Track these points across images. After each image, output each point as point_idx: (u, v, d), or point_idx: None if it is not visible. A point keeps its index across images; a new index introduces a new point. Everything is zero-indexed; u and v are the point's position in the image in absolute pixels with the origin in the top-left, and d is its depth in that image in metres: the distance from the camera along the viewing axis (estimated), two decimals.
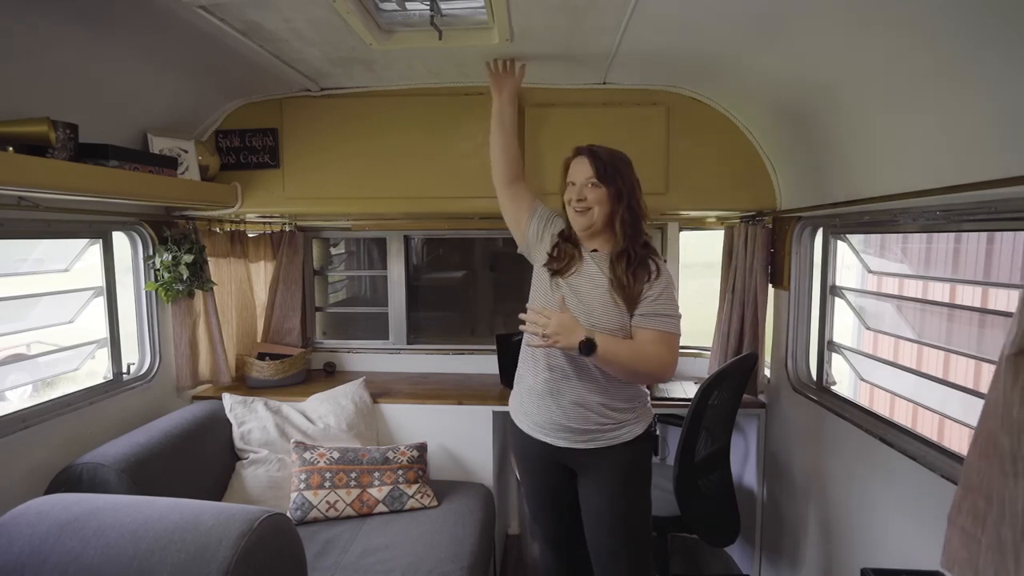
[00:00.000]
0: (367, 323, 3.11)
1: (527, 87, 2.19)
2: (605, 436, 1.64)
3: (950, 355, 3.62)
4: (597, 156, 1.64)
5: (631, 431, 1.67)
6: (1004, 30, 1.03)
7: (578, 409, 1.62)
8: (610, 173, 1.62)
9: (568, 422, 1.64)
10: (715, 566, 2.64)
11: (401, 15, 1.72)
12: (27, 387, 3.69)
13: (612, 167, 1.62)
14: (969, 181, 1.21)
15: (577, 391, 1.63)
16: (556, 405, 1.65)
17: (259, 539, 1.18)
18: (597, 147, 1.67)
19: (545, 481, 1.79)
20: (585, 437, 1.64)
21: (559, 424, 1.65)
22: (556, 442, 1.67)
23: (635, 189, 1.65)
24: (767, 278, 2.30)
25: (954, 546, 1.00)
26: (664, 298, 1.60)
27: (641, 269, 1.61)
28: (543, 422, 1.69)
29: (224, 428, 2.27)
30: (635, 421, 1.68)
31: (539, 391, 1.68)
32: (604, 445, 1.65)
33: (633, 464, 1.68)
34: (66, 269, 2.00)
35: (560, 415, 1.64)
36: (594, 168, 1.62)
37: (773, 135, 2.12)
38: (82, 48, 1.58)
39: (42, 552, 1.17)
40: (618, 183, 1.62)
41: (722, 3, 1.47)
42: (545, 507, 1.84)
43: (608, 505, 1.67)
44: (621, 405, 1.65)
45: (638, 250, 1.62)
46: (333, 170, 2.30)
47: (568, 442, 1.66)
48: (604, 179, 1.61)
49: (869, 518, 1.70)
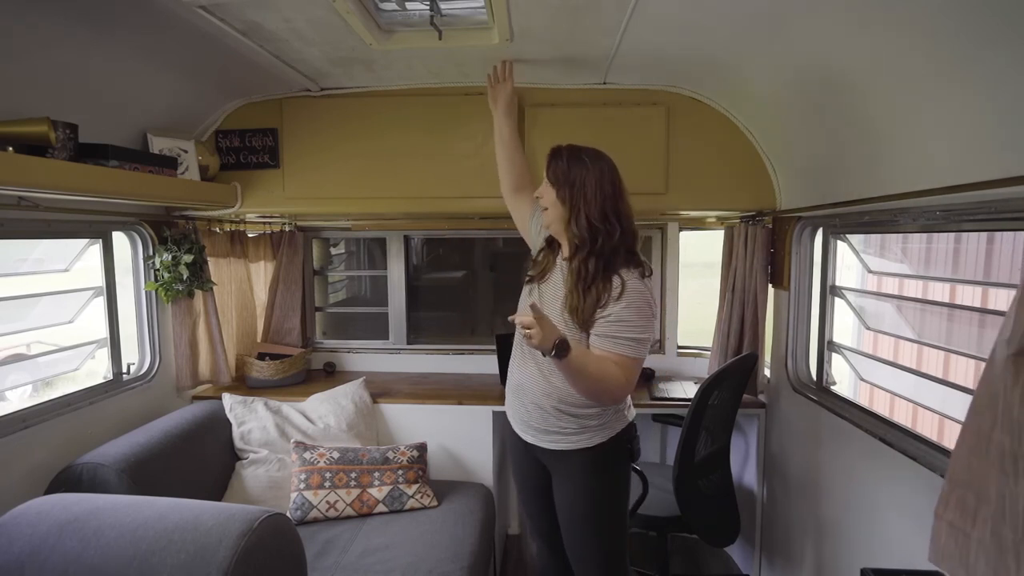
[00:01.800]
0: (367, 323, 3.11)
1: (527, 87, 2.20)
2: (567, 439, 1.61)
3: (950, 355, 3.62)
4: (556, 156, 1.57)
5: (593, 438, 1.60)
6: (1004, 30, 1.03)
7: (537, 410, 1.62)
8: (561, 177, 1.53)
9: (531, 420, 1.64)
10: (715, 566, 2.64)
11: (401, 15, 1.72)
12: (27, 387, 3.69)
13: (567, 171, 1.53)
14: (969, 181, 1.21)
15: (535, 393, 1.61)
16: (520, 403, 1.67)
17: (259, 539, 1.18)
18: (566, 147, 1.58)
19: (528, 476, 1.79)
20: (548, 437, 1.63)
21: (526, 422, 1.67)
22: (527, 439, 1.69)
23: (593, 198, 1.50)
24: (767, 278, 2.30)
25: (942, 540, 1.01)
26: (622, 320, 1.47)
27: (599, 286, 1.49)
28: (515, 418, 1.72)
29: (224, 428, 2.27)
30: (600, 428, 1.61)
31: (511, 387, 1.71)
32: (567, 448, 1.61)
33: (599, 469, 1.62)
34: (66, 269, 2.00)
35: (525, 413, 1.66)
36: (548, 169, 1.57)
37: (773, 135, 2.12)
38: (82, 48, 1.58)
39: (42, 552, 1.17)
40: (567, 189, 1.52)
41: (722, 3, 1.47)
42: (530, 501, 1.84)
43: (572, 506, 1.66)
44: (581, 411, 1.58)
45: (593, 265, 1.50)
46: (333, 170, 2.30)
47: (536, 440, 1.66)
48: (555, 181, 1.55)
49: (869, 518, 1.70)
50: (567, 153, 1.57)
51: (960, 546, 0.98)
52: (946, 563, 1.00)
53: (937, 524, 1.02)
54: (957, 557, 0.98)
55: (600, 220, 1.50)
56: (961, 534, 0.97)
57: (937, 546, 1.02)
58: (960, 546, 0.98)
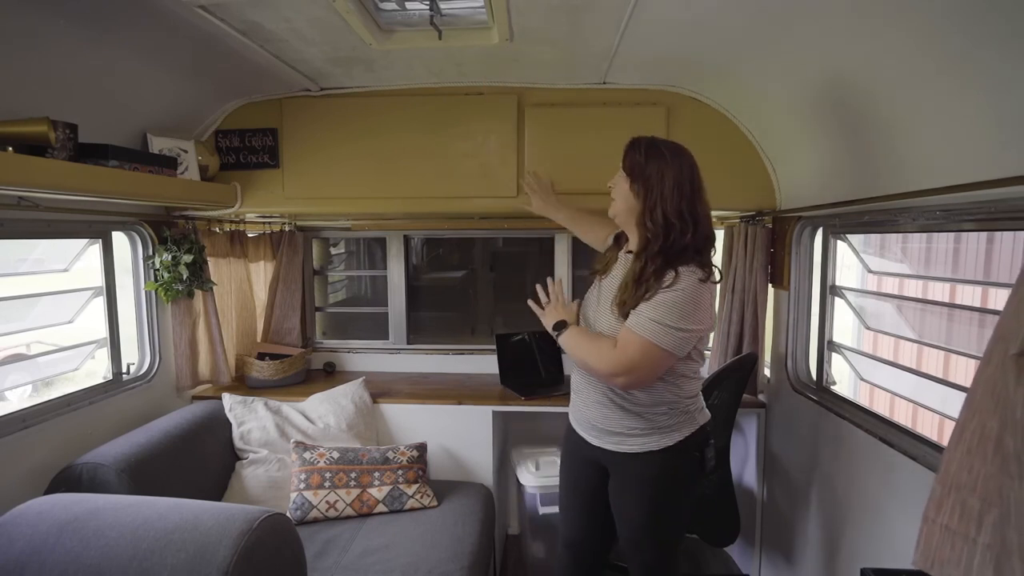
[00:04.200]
0: (367, 323, 3.11)
1: (527, 87, 2.20)
2: (631, 441, 1.55)
3: (950, 355, 3.62)
4: (634, 147, 1.52)
5: (661, 440, 1.53)
6: (1005, 30, 1.03)
7: (600, 408, 1.58)
8: (637, 169, 1.49)
9: (594, 419, 1.60)
10: (715, 566, 2.64)
11: (401, 15, 1.72)
12: (27, 387, 3.70)
13: (644, 164, 1.48)
14: (969, 181, 1.21)
15: (599, 388, 1.58)
16: (582, 402, 1.64)
17: (259, 539, 1.18)
18: (646, 139, 1.53)
19: (579, 478, 1.74)
20: (613, 439, 1.57)
21: (589, 422, 1.62)
22: (590, 439, 1.63)
23: (670, 194, 1.45)
24: (767, 278, 2.30)
25: (933, 544, 0.98)
26: (657, 303, 1.42)
27: (649, 280, 1.45)
28: (579, 418, 1.67)
29: (224, 428, 2.27)
30: (668, 429, 1.54)
31: (575, 386, 1.68)
32: (631, 451, 1.55)
33: (664, 476, 1.56)
34: (66, 269, 2.00)
35: (588, 412, 1.62)
36: (625, 160, 1.53)
37: (773, 135, 2.12)
38: (82, 48, 1.58)
39: (42, 552, 1.17)
40: (642, 183, 1.48)
41: (721, 4, 1.47)
42: (573, 505, 1.78)
43: (631, 510, 1.63)
44: (648, 410, 1.52)
45: (660, 263, 1.45)
46: (333, 170, 2.30)
47: (599, 441, 1.61)
48: (631, 174, 1.51)
49: (869, 518, 1.70)
50: (646, 145, 1.51)
51: (960, 551, 0.95)
52: (938, 568, 0.97)
53: (928, 528, 0.99)
54: (957, 563, 0.96)
55: (676, 217, 1.45)
56: (961, 539, 0.94)
57: (927, 551, 0.98)
58: (960, 551, 0.95)
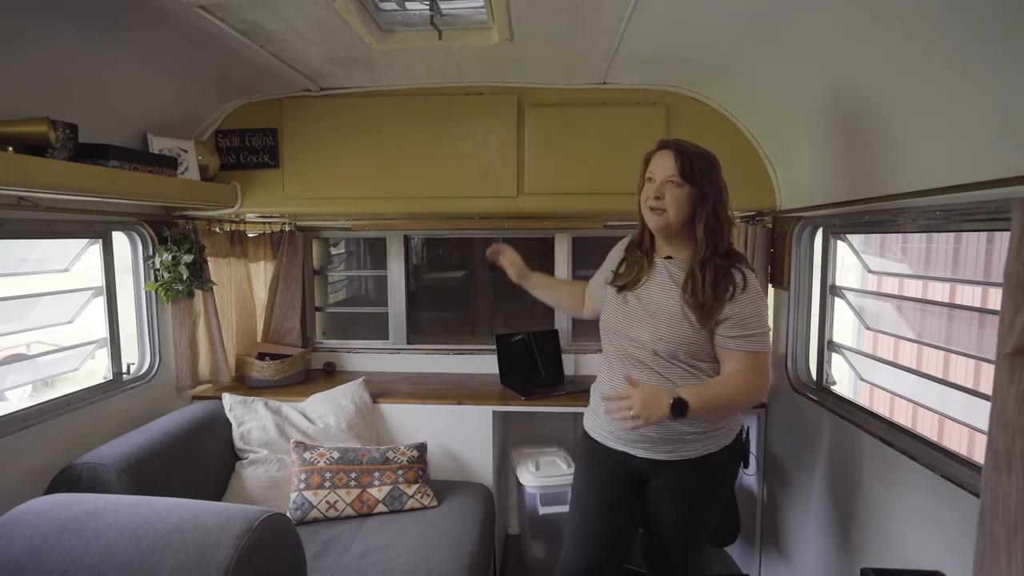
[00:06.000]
0: (367, 323, 3.11)
1: (527, 87, 2.20)
2: (690, 447, 1.53)
3: (950, 355, 3.62)
4: (683, 152, 1.48)
5: (720, 440, 1.56)
6: (1007, 30, 1.03)
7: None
8: (696, 173, 1.47)
9: (647, 431, 1.52)
10: (715, 566, 2.64)
11: (401, 15, 1.72)
12: (27, 387, 3.70)
13: (699, 166, 1.47)
14: (969, 181, 1.21)
15: None
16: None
17: (259, 539, 1.18)
18: (684, 142, 1.52)
19: (608, 491, 1.67)
20: (667, 447, 1.54)
21: (640, 433, 1.54)
22: (635, 452, 1.58)
23: (722, 193, 1.50)
24: (767, 278, 2.30)
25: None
26: (748, 318, 1.46)
27: (724, 282, 1.47)
28: (620, 434, 1.59)
29: (224, 428, 2.27)
30: (724, 428, 1.57)
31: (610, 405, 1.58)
32: (687, 457, 1.54)
33: (725, 476, 1.63)
34: (66, 269, 2.00)
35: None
36: (679, 165, 1.47)
37: (773, 135, 2.12)
38: (82, 48, 1.58)
39: (42, 552, 1.17)
40: (704, 185, 1.47)
41: (721, 4, 1.47)
42: (598, 519, 1.69)
43: (685, 517, 1.64)
44: None
45: (719, 260, 1.49)
46: (333, 170, 2.30)
47: (648, 452, 1.56)
48: (689, 178, 1.47)
49: (869, 518, 1.70)
50: (690, 149, 1.49)
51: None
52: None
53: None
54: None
55: (724, 217, 1.51)
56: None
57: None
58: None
